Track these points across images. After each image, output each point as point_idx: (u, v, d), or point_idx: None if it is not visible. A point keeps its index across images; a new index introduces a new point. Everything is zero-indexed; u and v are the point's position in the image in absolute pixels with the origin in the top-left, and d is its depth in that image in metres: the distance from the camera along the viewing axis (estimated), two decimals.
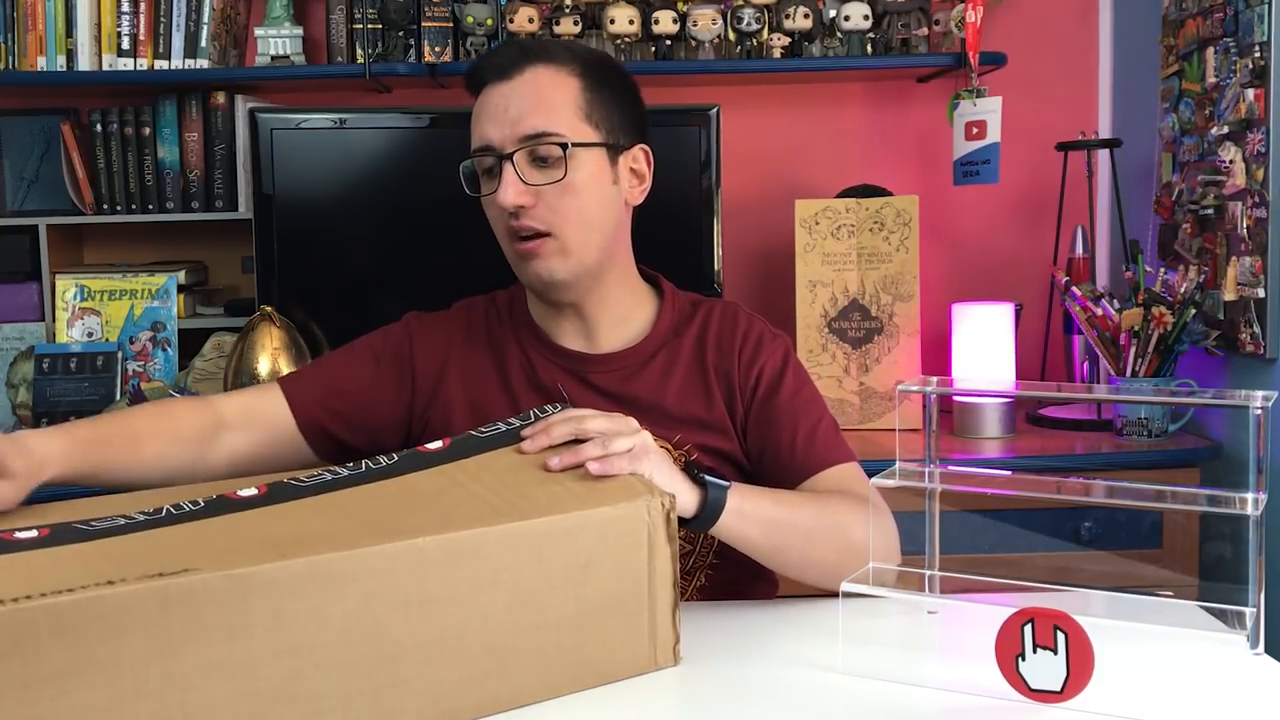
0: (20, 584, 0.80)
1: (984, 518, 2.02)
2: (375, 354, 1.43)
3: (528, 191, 1.30)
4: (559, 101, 1.31)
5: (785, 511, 1.25)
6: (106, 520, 0.95)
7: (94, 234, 2.62)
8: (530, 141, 1.30)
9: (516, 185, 1.29)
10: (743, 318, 1.43)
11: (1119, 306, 2.21)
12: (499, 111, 1.31)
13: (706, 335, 1.40)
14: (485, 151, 1.33)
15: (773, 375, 1.39)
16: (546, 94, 1.31)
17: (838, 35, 2.48)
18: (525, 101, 1.31)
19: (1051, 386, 2.37)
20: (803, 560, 1.26)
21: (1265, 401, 1.04)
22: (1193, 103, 2.28)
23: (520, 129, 1.30)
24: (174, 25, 2.43)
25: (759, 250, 2.63)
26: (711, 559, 1.37)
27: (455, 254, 2.30)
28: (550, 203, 1.31)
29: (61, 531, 0.92)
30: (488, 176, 1.34)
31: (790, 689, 1.07)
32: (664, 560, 1.10)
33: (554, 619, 1.03)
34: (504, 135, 1.30)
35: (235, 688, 0.86)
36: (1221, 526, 2.13)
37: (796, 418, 1.37)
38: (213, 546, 0.90)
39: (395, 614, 0.93)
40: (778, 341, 1.42)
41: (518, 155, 1.30)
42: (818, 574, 1.26)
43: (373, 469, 1.09)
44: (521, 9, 2.45)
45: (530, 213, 1.31)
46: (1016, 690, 1.02)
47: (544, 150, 1.30)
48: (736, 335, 1.40)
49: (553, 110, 1.31)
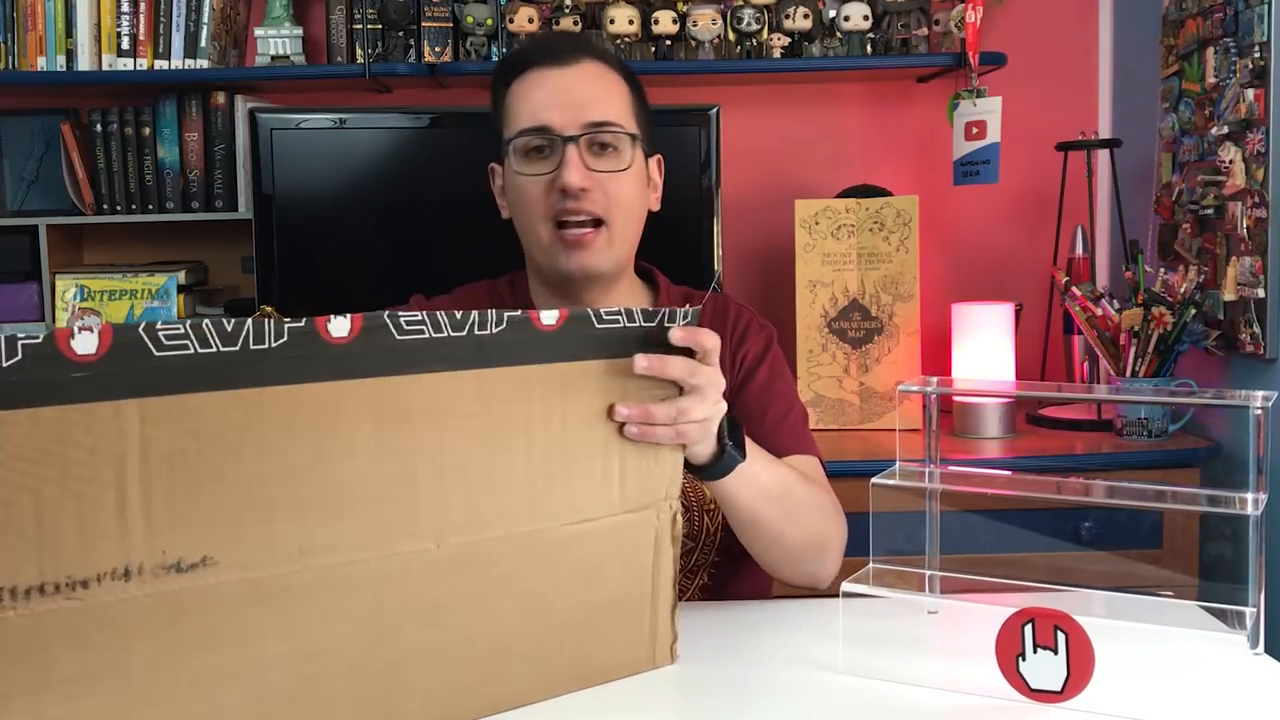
0: None
1: (984, 518, 2.02)
2: None
3: (590, 176, 1.29)
4: (617, 95, 1.33)
5: (780, 487, 1.23)
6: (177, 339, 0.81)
7: (94, 234, 2.62)
8: (595, 129, 1.30)
9: (581, 168, 1.29)
10: (733, 307, 1.45)
11: (1119, 306, 2.21)
12: (561, 94, 1.30)
13: (700, 321, 1.41)
14: (540, 132, 1.30)
15: (753, 361, 1.41)
16: (607, 86, 1.33)
17: (838, 35, 2.48)
18: (589, 89, 1.31)
19: (1051, 386, 2.37)
20: (775, 541, 1.25)
21: (1265, 401, 1.04)
22: (1193, 103, 2.28)
23: (586, 115, 1.29)
24: (174, 25, 2.43)
25: (759, 250, 2.63)
26: (714, 556, 1.38)
27: (455, 253, 2.30)
28: (607, 190, 1.30)
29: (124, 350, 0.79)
30: (534, 155, 1.32)
31: (790, 689, 1.07)
32: (667, 561, 1.10)
33: (560, 620, 1.03)
34: (566, 119, 1.29)
35: (245, 693, 0.86)
36: (1221, 526, 2.13)
37: (767, 404, 1.38)
38: (238, 514, 0.85)
39: (406, 618, 0.93)
40: (764, 331, 1.44)
41: (582, 140, 1.29)
42: (776, 556, 1.27)
43: (469, 343, 0.95)
44: (521, 9, 2.45)
45: (589, 197, 1.30)
46: (1016, 690, 1.02)
47: (607, 138, 1.30)
48: (726, 322, 1.42)
49: (613, 102, 1.32)
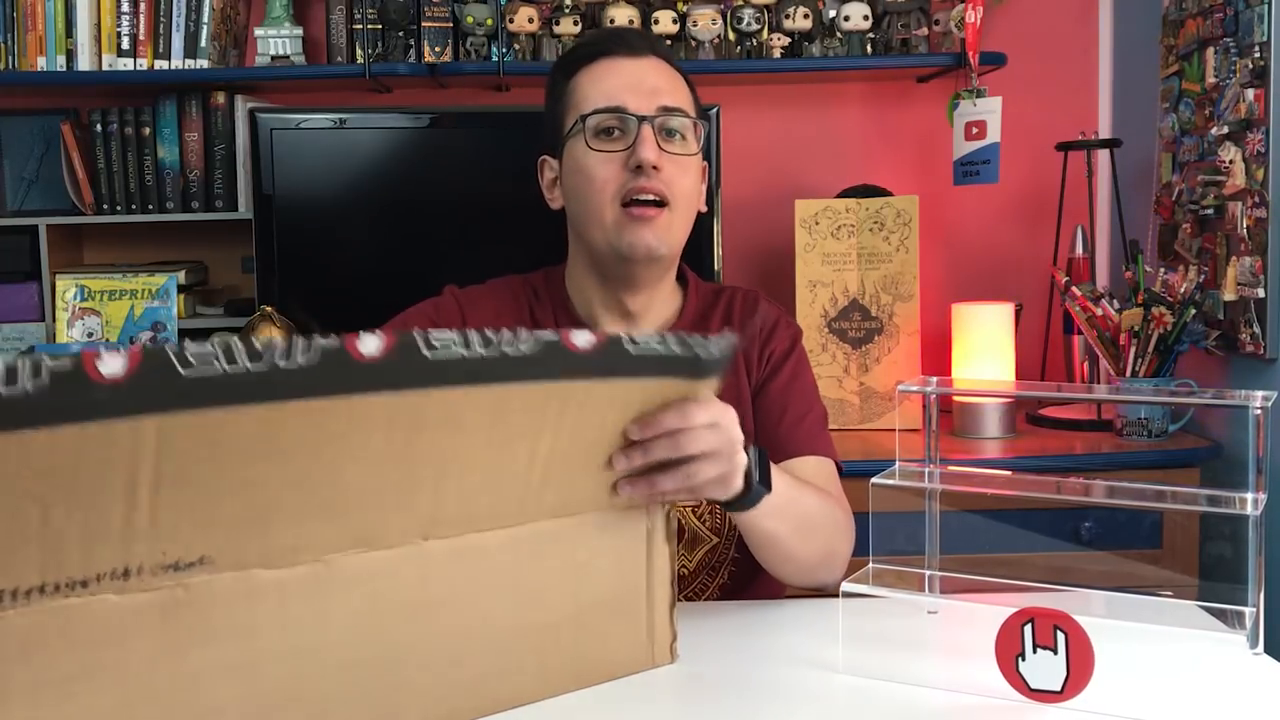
0: None
1: (984, 518, 2.02)
2: (433, 323, 1.40)
3: (663, 155, 1.33)
4: (683, 90, 1.39)
5: (797, 508, 1.23)
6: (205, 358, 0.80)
7: (94, 234, 2.62)
8: (669, 113, 1.35)
9: (654, 145, 1.32)
10: (763, 303, 1.48)
11: (1119, 306, 2.21)
12: (636, 79, 1.36)
13: (730, 318, 1.45)
14: (617, 111, 1.34)
15: (778, 359, 1.43)
16: (675, 80, 1.39)
17: (838, 35, 2.48)
18: (661, 79, 1.37)
19: (1051, 386, 2.36)
20: (786, 558, 1.26)
21: (1265, 401, 1.04)
22: (1193, 103, 2.28)
23: (660, 99, 1.35)
24: (174, 25, 2.43)
25: (759, 250, 2.63)
26: (733, 553, 1.39)
27: (456, 253, 2.30)
28: (674, 173, 1.34)
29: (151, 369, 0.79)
30: (604, 137, 1.34)
31: (790, 689, 1.07)
32: (663, 559, 1.10)
33: (554, 618, 1.03)
34: (641, 102, 1.34)
35: (241, 690, 0.86)
36: (1221, 526, 2.13)
37: (787, 403, 1.40)
38: (240, 516, 0.85)
39: (400, 616, 0.93)
40: (790, 329, 1.47)
41: (656, 121, 1.34)
42: (789, 569, 1.28)
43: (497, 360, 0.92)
44: (521, 9, 2.45)
45: (659, 176, 1.33)
46: (1016, 690, 1.02)
47: (677, 123, 1.35)
48: (756, 317, 1.45)
49: (682, 93, 1.38)
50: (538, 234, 1.50)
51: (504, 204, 2.00)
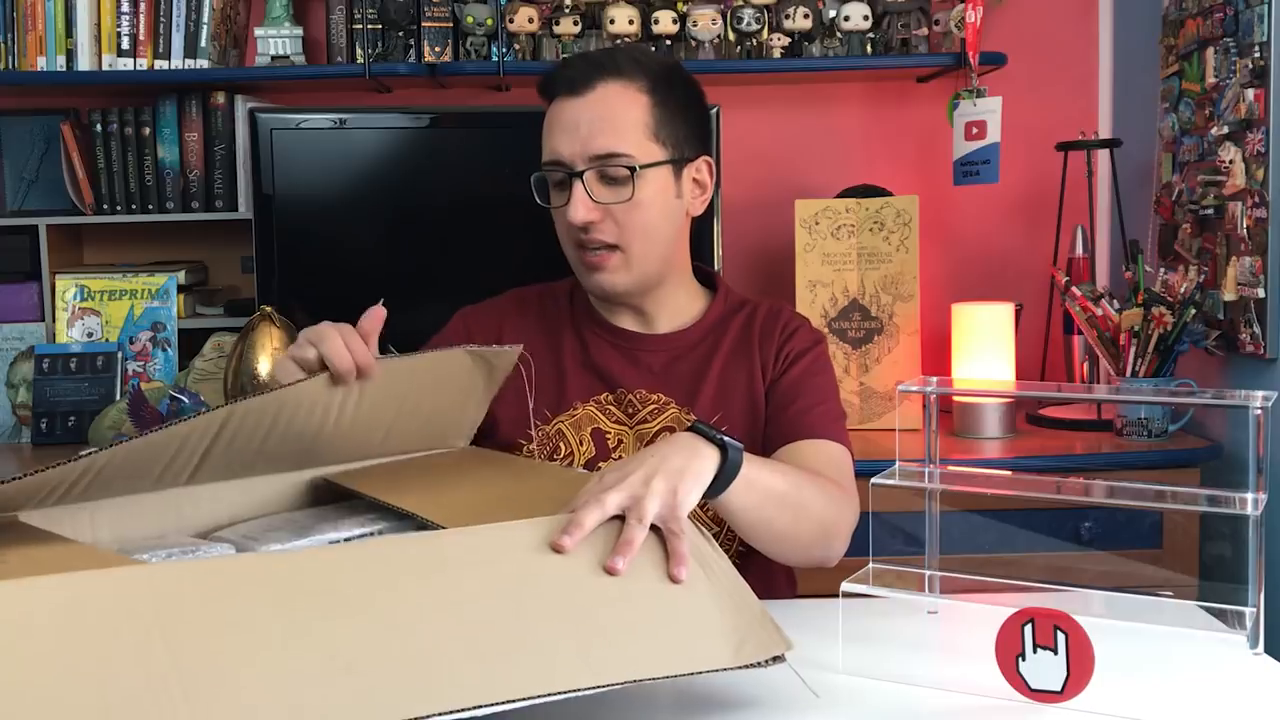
0: None
1: (984, 518, 2.02)
2: None
3: (596, 209, 1.36)
4: (628, 121, 1.36)
5: (780, 487, 1.21)
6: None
7: (94, 234, 2.62)
8: (600, 162, 1.35)
9: (586, 203, 1.35)
10: (787, 312, 1.50)
11: (1119, 306, 2.21)
12: (571, 128, 1.36)
13: (752, 324, 1.47)
14: (556, 166, 1.38)
15: (794, 356, 1.45)
16: (617, 113, 1.36)
17: (837, 35, 2.48)
18: (596, 121, 1.35)
19: (1051, 386, 2.37)
20: (777, 538, 1.25)
21: (1265, 401, 1.04)
22: (1193, 103, 2.28)
23: (591, 148, 1.35)
24: (174, 25, 2.43)
25: (759, 250, 2.63)
26: (738, 545, 1.38)
27: (456, 253, 2.30)
28: (618, 219, 1.37)
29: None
30: (558, 189, 1.40)
31: (790, 689, 1.07)
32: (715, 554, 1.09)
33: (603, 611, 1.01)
34: (574, 152, 1.35)
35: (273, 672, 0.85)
36: (1221, 526, 2.13)
37: (798, 393, 1.42)
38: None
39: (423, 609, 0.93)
40: (812, 334, 1.49)
41: (588, 174, 1.35)
42: (783, 549, 1.28)
43: None
44: (521, 9, 2.45)
45: (599, 227, 1.37)
46: (1016, 690, 1.02)
47: (613, 171, 1.35)
48: (778, 325, 1.47)
49: (622, 131, 1.36)
50: (537, 234, 1.50)
51: (504, 204, 2.00)
